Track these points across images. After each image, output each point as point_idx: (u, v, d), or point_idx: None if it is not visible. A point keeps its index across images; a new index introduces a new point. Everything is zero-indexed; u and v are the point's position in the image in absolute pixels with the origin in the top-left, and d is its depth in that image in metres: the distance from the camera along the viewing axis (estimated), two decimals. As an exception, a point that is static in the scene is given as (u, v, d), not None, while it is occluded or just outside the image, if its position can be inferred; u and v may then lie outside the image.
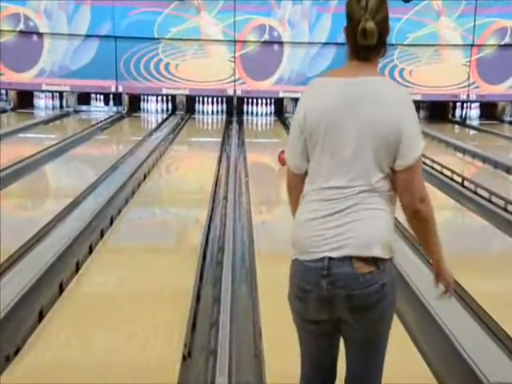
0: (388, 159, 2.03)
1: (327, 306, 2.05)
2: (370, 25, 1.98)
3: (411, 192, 2.04)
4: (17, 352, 3.34)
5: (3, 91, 14.42)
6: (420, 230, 2.14)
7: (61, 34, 13.80)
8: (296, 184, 2.17)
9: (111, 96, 14.62)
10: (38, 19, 13.73)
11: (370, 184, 2.02)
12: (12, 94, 14.42)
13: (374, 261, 2.01)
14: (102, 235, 5.52)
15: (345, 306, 2.03)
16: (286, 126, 13.30)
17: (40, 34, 13.82)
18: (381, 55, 2.11)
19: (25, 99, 14.43)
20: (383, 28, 2.04)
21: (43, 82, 13.87)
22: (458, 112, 14.93)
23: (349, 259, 1.99)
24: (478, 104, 14.85)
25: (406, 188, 2.04)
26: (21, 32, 13.73)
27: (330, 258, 2.00)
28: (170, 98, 14.67)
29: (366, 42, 2.00)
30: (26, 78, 13.88)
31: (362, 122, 2.00)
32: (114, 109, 14.60)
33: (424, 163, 9.17)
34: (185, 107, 14.65)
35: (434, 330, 3.74)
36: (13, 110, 14.26)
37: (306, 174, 2.14)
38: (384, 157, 2.02)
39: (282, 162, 9.74)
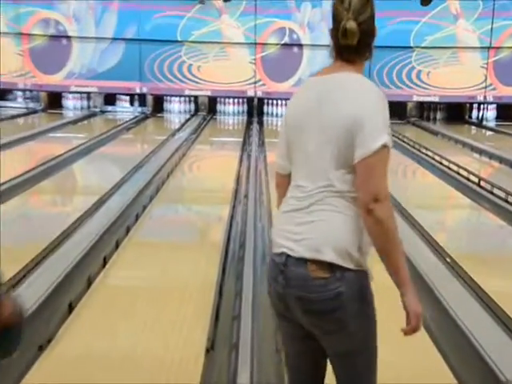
0: (348, 151, 1.88)
1: (283, 303, 1.98)
2: (351, 24, 1.91)
3: (366, 187, 1.85)
4: (49, 342, 3.39)
5: (35, 93, 14.57)
6: (377, 237, 1.90)
7: (89, 38, 13.91)
8: (282, 183, 2.11)
9: (136, 97, 14.71)
10: (68, 23, 13.85)
11: (330, 183, 1.91)
12: (43, 95, 14.58)
13: (330, 266, 1.89)
14: (127, 231, 5.55)
15: (298, 307, 1.94)
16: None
17: (69, 38, 13.95)
18: (366, 57, 2.04)
19: (54, 100, 14.59)
20: (367, 29, 1.98)
21: (72, 83, 14.00)
22: (474, 113, 14.81)
23: (304, 261, 1.90)
24: (494, 105, 14.73)
25: (362, 183, 1.87)
26: (51, 36, 13.86)
27: (288, 256, 1.93)
28: (192, 99, 14.73)
29: (346, 42, 1.93)
30: (55, 80, 14.02)
31: (325, 116, 1.92)
32: (139, 109, 14.68)
33: (441, 163, 9.15)
34: (207, 108, 14.68)
35: (451, 328, 3.72)
36: (43, 110, 14.43)
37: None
38: (344, 148, 1.88)
39: None
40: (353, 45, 1.94)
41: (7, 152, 8.64)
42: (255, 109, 14.49)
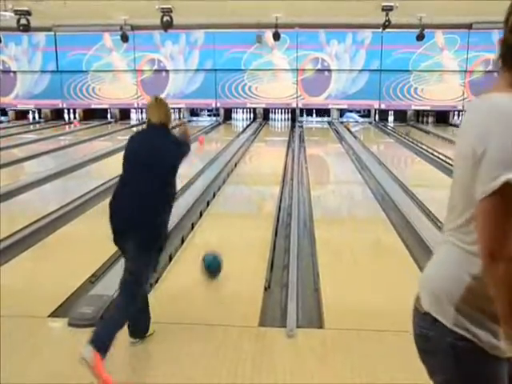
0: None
1: None
2: None
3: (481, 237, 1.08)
4: (157, 281, 3.43)
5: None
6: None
7: (179, 70, 14.02)
8: None
9: (212, 110, 14.78)
10: (166, 61, 14.00)
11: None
12: (115, 111, 14.59)
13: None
14: (207, 205, 5.59)
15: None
16: (332, 129, 13.09)
17: (167, 71, 14.12)
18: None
19: (123, 114, 14.61)
20: None
21: (168, 102, 14.10)
22: (456, 118, 14.45)
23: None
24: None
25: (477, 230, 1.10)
26: (155, 70, 14.07)
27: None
28: (251, 110, 14.65)
29: None
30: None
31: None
32: (214, 119, 14.73)
33: (432, 154, 8.87)
34: (262, 116, 14.59)
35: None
36: (115, 121, 14.41)
37: None
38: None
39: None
40: None
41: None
42: (297, 116, 14.35)
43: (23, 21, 10.75)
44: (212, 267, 2.97)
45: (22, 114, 14.94)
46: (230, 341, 2.69)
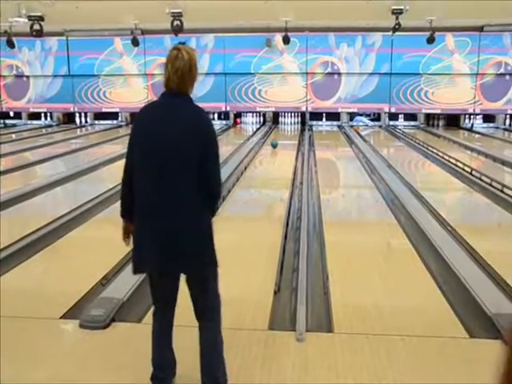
0: None
1: None
2: None
3: None
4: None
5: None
6: None
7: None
8: None
9: (222, 113, 14.81)
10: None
11: None
12: (126, 114, 14.80)
13: None
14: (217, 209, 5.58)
15: None
16: (342, 132, 13.06)
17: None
18: None
19: (134, 118, 14.67)
20: None
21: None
22: (466, 121, 14.35)
23: None
24: (481, 116, 14.37)
25: None
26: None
27: None
28: (261, 113, 14.67)
29: None
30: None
31: None
32: (224, 122, 14.76)
33: (442, 158, 8.85)
34: (272, 120, 14.61)
35: (451, 276, 3.59)
36: (126, 125, 14.51)
37: None
38: None
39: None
40: None
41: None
42: (307, 120, 14.33)
43: (36, 26, 10.89)
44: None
45: (35, 117, 15.13)
46: (239, 344, 2.69)
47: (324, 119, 14.64)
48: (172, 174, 1.97)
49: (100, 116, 14.94)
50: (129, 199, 2.07)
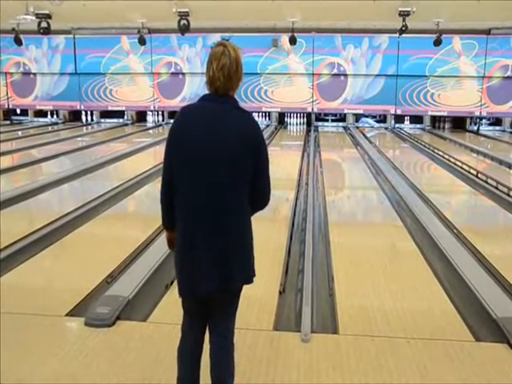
0: None
1: None
2: None
3: None
4: (172, 283, 3.41)
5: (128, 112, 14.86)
6: None
7: (196, 73, 14.07)
8: None
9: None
10: (183, 64, 14.12)
11: None
12: (131, 113, 14.85)
13: None
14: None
15: None
16: (348, 133, 13.04)
17: (183, 74, 14.22)
18: None
19: (140, 116, 14.91)
20: None
21: (179, 104, 14.27)
22: (472, 124, 14.30)
23: None
24: (487, 119, 14.36)
25: None
26: (172, 73, 14.20)
27: None
28: (267, 113, 14.66)
29: None
30: (173, 102, 14.31)
31: None
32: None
33: (448, 160, 8.81)
34: (278, 120, 14.60)
35: (456, 278, 3.60)
36: (132, 123, 14.64)
37: None
38: None
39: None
40: None
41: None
42: (312, 120, 14.32)
43: (44, 24, 10.93)
44: None
45: (41, 115, 15.21)
46: (244, 344, 2.69)
47: (329, 120, 14.66)
48: (223, 189, 1.84)
49: (106, 114, 14.99)
50: (171, 212, 1.93)
